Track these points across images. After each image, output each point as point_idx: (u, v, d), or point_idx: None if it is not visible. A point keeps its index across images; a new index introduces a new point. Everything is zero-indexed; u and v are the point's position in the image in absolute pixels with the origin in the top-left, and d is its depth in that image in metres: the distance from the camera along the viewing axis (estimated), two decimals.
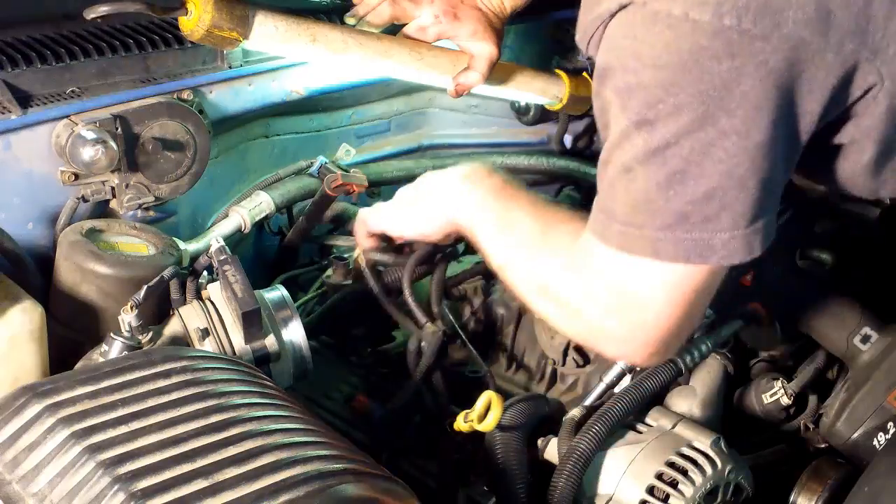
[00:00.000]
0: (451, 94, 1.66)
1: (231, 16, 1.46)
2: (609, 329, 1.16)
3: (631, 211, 1.09)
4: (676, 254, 1.07)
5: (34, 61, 1.61)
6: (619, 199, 1.10)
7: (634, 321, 1.14)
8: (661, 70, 1.02)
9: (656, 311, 1.13)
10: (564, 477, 1.27)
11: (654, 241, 1.08)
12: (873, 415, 1.45)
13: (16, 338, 1.35)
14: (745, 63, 0.99)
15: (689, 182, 1.04)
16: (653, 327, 1.14)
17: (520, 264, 1.27)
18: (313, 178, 1.92)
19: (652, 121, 1.04)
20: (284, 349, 1.43)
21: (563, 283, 1.20)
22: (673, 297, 1.11)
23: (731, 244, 1.07)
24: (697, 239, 1.06)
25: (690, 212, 1.06)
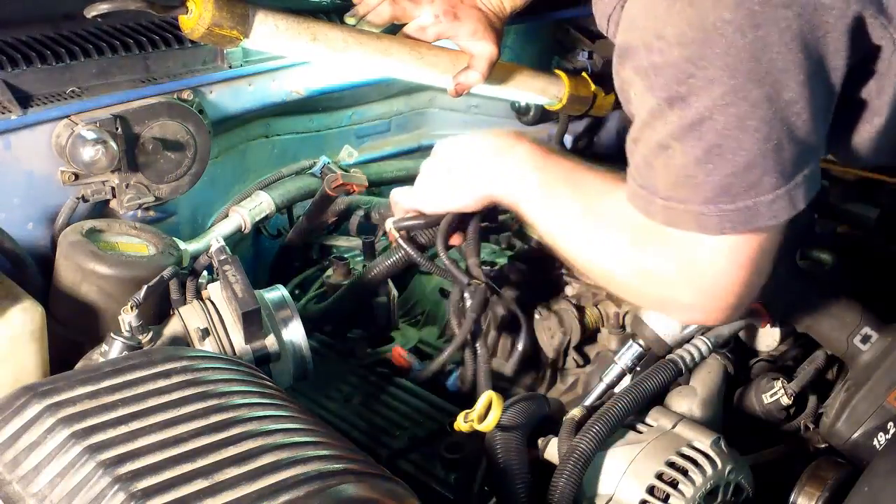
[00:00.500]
0: (451, 93, 1.66)
1: (231, 14, 1.46)
2: (678, 298, 1.18)
3: (673, 186, 1.10)
4: (722, 225, 1.09)
5: (34, 61, 1.61)
6: (659, 175, 1.11)
7: (701, 289, 1.16)
8: (688, 47, 1.02)
9: (721, 278, 1.14)
10: (565, 477, 1.27)
11: (697, 216, 1.09)
12: (873, 415, 1.45)
13: (16, 338, 1.35)
14: (770, 32, 1.00)
15: (727, 155, 1.05)
16: (721, 292, 1.15)
17: (573, 241, 1.28)
18: (314, 177, 1.93)
19: (685, 96, 1.04)
20: (284, 349, 1.43)
21: (620, 258, 1.21)
22: (734, 261, 1.12)
23: (776, 204, 1.08)
24: (741, 208, 1.07)
25: (732, 183, 1.07)
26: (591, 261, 1.28)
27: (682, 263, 1.14)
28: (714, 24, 1.00)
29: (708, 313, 1.19)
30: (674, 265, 1.15)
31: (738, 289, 1.15)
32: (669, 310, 1.23)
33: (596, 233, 1.25)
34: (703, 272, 1.14)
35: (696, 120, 1.05)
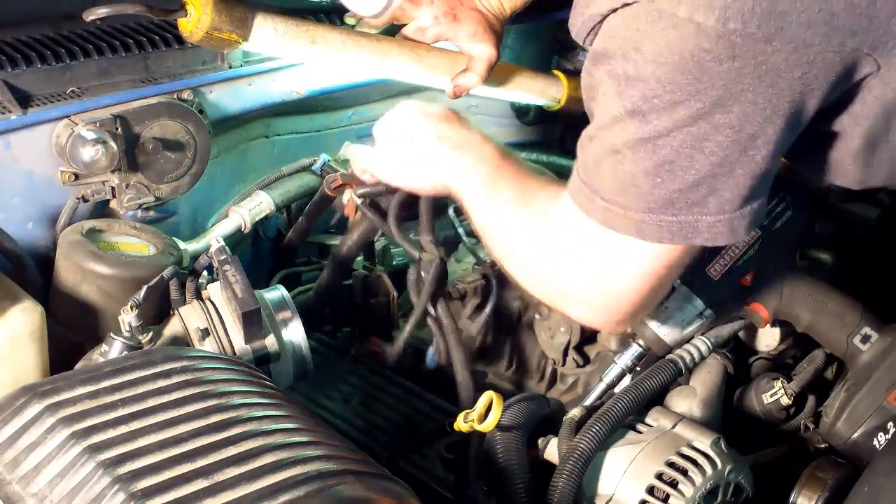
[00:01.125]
0: (450, 95, 1.66)
1: (230, 17, 1.46)
2: (577, 293, 1.20)
3: (617, 191, 1.11)
4: (660, 235, 1.10)
5: (34, 61, 1.61)
6: (605, 177, 1.12)
7: (604, 289, 1.17)
8: (661, 67, 1.02)
9: (628, 283, 1.16)
10: (564, 477, 1.27)
11: (637, 223, 1.10)
12: (873, 415, 1.45)
13: (16, 338, 1.35)
14: (746, 63, 1.00)
15: (677, 172, 1.06)
16: (622, 297, 1.17)
17: (498, 225, 1.28)
18: (314, 175, 1.92)
19: (646, 112, 1.05)
20: (284, 349, 1.43)
21: (537, 243, 1.22)
22: (647, 270, 1.14)
23: (716, 227, 1.09)
24: (682, 221, 1.08)
25: (676, 199, 1.08)
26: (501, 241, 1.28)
27: (594, 261, 1.15)
28: (692, 52, 1.00)
29: (602, 314, 1.20)
30: (586, 261, 1.16)
31: (640, 297, 1.17)
32: (565, 303, 1.23)
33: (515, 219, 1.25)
34: (613, 274, 1.15)
35: (654, 135, 1.05)
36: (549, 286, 1.24)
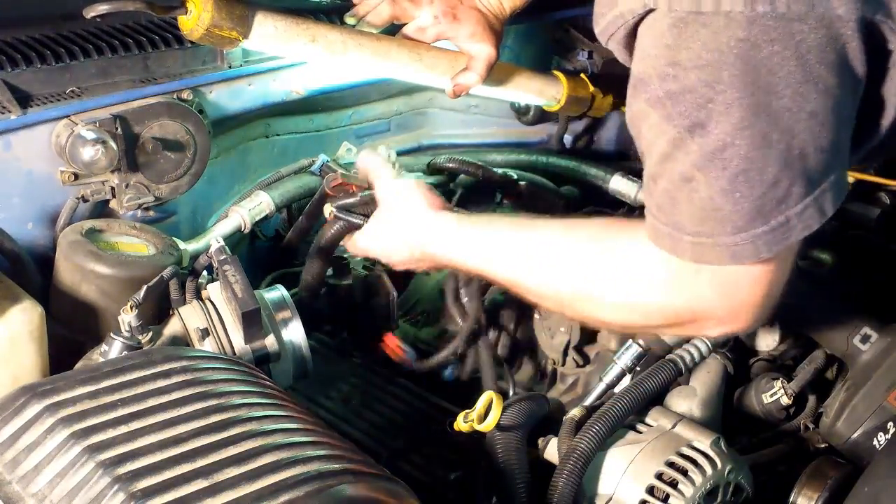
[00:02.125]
0: (450, 94, 1.66)
1: (231, 15, 1.46)
2: (714, 313, 1.15)
3: (699, 220, 1.07)
4: (758, 251, 1.07)
5: (34, 61, 1.61)
6: (684, 210, 1.08)
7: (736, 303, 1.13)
8: (704, 69, 1.00)
9: (750, 295, 1.12)
10: (564, 477, 1.27)
11: (730, 248, 1.07)
12: (873, 415, 1.45)
13: (16, 338, 1.35)
14: (786, 46, 0.99)
15: (754, 178, 1.03)
16: (754, 302, 1.13)
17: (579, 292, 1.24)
18: (314, 175, 1.92)
19: (704, 122, 1.02)
20: (284, 349, 1.43)
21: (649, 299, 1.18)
22: (766, 279, 1.11)
23: (806, 213, 1.06)
24: (774, 226, 1.05)
25: (762, 204, 1.04)
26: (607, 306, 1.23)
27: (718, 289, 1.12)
28: (728, 44, 0.99)
29: (743, 325, 1.17)
30: (710, 291, 1.12)
31: (770, 299, 1.14)
32: (703, 326, 1.19)
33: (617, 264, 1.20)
34: (739, 294, 1.12)
35: (719, 147, 1.02)
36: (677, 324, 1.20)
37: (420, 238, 1.42)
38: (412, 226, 1.43)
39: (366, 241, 1.50)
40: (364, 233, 1.51)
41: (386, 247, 1.48)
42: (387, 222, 1.48)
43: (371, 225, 1.50)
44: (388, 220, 1.47)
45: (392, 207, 1.47)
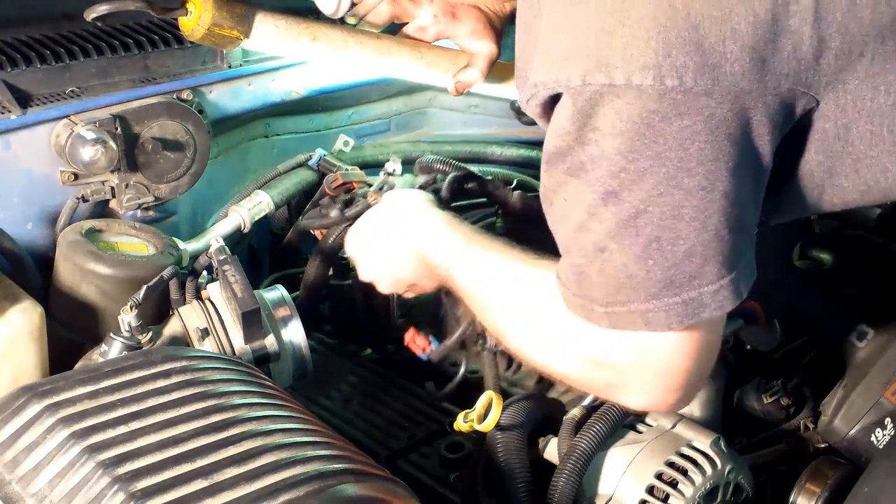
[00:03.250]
0: (452, 92, 1.66)
1: (231, 15, 1.46)
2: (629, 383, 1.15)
3: (613, 291, 1.07)
4: (669, 321, 1.07)
5: (34, 61, 1.61)
6: (595, 283, 1.09)
7: (654, 374, 1.13)
8: (618, 137, 1.01)
9: (671, 366, 1.12)
10: (564, 477, 1.27)
11: (643, 314, 1.07)
12: (870, 411, 1.45)
13: (15, 338, 1.35)
14: (695, 121, 1.00)
15: (666, 248, 1.04)
16: (673, 378, 1.13)
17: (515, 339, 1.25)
18: (311, 170, 1.92)
19: (617, 191, 1.03)
20: (284, 349, 1.43)
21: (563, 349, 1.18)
22: (682, 352, 1.10)
23: (720, 294, 1.06)
24: (686, 300, 1.06)
25: (674, 275, 1.05)
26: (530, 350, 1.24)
27: (632, 353, 1.11)
28: (640, 115, 1.00)
29: (660, 398, 1.15)
30: (624, 355, 1.12)
31: (689, 376, 1.13)
32: (618, 395, 1.18)
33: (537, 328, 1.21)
34: (653, 361, 1.11)
35: (632, 215, 1.03)
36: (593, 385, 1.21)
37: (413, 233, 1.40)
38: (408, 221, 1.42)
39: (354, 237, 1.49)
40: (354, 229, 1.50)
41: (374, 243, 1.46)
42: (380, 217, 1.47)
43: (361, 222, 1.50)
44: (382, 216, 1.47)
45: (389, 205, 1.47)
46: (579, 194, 1.06)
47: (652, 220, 1.03)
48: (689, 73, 0.98)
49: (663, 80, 0.98)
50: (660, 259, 1.04)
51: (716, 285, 1.06)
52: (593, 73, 1.00)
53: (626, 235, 1.04)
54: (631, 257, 1.05)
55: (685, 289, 1.05)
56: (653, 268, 1.05)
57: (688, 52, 0.98)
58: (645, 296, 1.06)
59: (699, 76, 0.98)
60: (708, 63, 0.99)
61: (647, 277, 1.05)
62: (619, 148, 1.01)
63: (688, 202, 1.02)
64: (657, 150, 1.01)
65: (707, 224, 1.03)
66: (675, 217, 1.03)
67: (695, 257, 1.04)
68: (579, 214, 1.07)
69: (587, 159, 1.04)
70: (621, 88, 0.99)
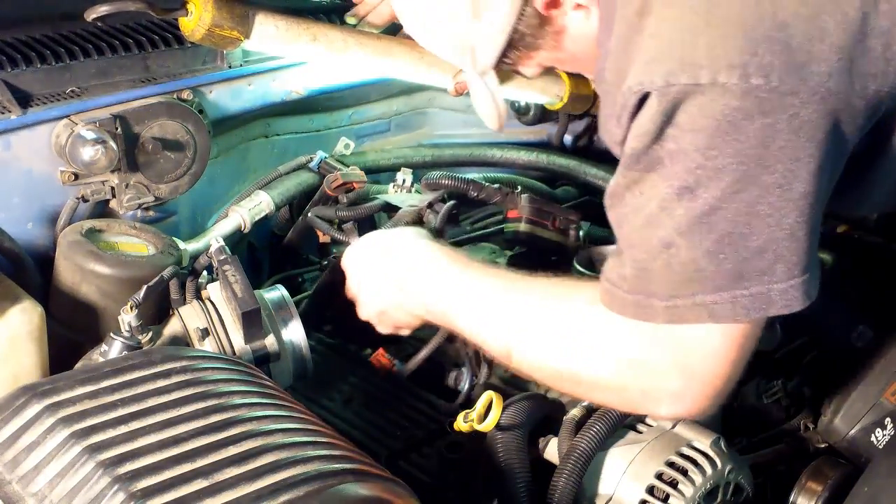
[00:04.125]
0: (451, 93, 1.66)
1: (231, 15, 1.46)
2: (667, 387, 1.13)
3: (678, 284, 1.07)
4: (735, 312, 1.06)
5: (34, 61, 1.61)
6: (659, 276, 1.08)
7: (693, 375, 1.12)
8: (698, 134, 1.01)
9: (714, 362, 1.11)
10: (564, 477, 1.27)
11: (709, 306, 1.06)
12: (870, 411, 1.45)
13: (15, 338, 1.35)
14: (778, 120, 0.99)
15: (739, 242, 1.03)
16: (712, 378, 1.12)
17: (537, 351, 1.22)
18: (312, 172, 1.93)
19: (692, 187, 1.03)
20: (284, 349, 1.43)
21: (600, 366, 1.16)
22: (729, 348, 1.10)
23: (789, 293, 1.06)
24: (755, 294, 1.05)
25: (744, 269, 1.04)
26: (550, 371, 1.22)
27: (676, 354, 1.10)
28: (723, 112, 0.99)
29: (695, 401, 1.14)
30: (668, 355, 1.11)
31: (725, 381, 1.13)
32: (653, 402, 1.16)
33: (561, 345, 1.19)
34: (697, 358, 1.11)
35: (706, 211, 1.03)
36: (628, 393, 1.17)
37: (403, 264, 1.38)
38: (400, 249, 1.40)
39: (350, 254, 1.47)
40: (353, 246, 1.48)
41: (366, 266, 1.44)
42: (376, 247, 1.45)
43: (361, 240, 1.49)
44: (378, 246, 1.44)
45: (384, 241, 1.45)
46: (654, 188, 1.06)
47: (726, 216, 1.03)
48: (776, 71, 0.98)
49: (749, 79, 0.98)
50: (731, 254, 1.04)
51: (785, 284, 1.05)
52: (677, 74, 1.00)
53: (697, 231, 1.04)
54: (701, 252, 1.04)
55: (754, 283, 1.05)
56: (723, 262, 1.04)
57: (774, 51, 0.98)
58: (712, 287, 1.05)
59: (785, 75, 0.98)
60: (795, 62, 0.98)
61: (717, 271, 1.05)
62: (699, 144, 1.01)
63: (764, 199, 1.02)
64: (737, 148, 1.00)
65: (782, 222, 1.03)
66: (749, 213, 1.02)
67: (767, 254, 1.04)
68: (651, 209, 1.07)
69: (665, 154, 1.04)
70: (706, 87, 0.99)
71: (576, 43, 1.26)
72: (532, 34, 1.25)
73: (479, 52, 1.28)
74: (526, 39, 1.26)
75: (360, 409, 1.52)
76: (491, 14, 1.22)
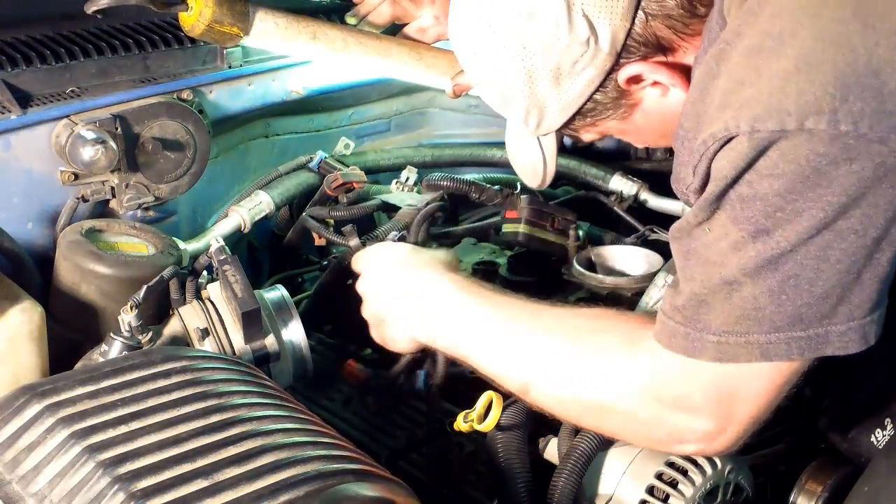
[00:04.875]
0: (450, 94, 1.66)
1: (231, 11, 1.46)
2: (697, 427, 1.12)
3: (734, 320, 1.05)
4: (789, 353, 1.05)
5: (34, 61, 1.61)
6: (716, 310, 1.06)
7: (722, 422, 1.11)
8: (779, 179, 0.99)
9: (750, 408, 1.10)
10: (564, 477, 1.27)
11: (762, 346, 1.04)
12: (870, 411, 1.45)
13: (16, 338, 1.35)
14: (864, 166, 0.97)
15: (803, 286, 1.02)
16: (742, 422, 1.11)
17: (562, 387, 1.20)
18: (312, 172, 1.93)
19: (769, 230, 1.01)
20: (284, 349, 1.43)
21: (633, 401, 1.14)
22: (771, 389, 1.09)
23: (847, 336, 1.05)
24: (812, 335, 1.04)
25: (805, 313, 1.03)
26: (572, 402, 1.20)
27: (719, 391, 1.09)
28: (807, 158, 0.98)
29: (722, 443, 1.13)
30: (709, 393, 1.09)
31: (762, 415, 1.12)
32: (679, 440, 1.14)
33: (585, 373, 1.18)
34: (738, 399, 1.09)
35: (776, 253, 1.01)
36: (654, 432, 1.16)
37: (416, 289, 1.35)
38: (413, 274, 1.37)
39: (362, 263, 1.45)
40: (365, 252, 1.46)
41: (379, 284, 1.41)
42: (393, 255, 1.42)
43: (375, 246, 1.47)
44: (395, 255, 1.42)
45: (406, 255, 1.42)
46: (724, 228, 1.04)
47: (795, 257, 1.01)
48: (866, 118, 0.96)
49: (837, 126, 0.96)
50: (794, 296, 1.02)
51: (844, 326, 1.04)
52: (764, 120, 0.98)
53: (763, 271, 1.02)
54: (763, 290, 1.03)
55: (813, 326, 1.03)
56: (784, 302, 1.03)
57: (865, 98, 0.96)
58: (769, 328, 1.04)
59: (876, 122, 0.96)
60: (886, 110, 0.96)
61: (777, 311, 1.03)
62: (779, 189, 0.99)
63: (837, 244, 1.00)
64: (819, 193, 0.98)
65: (851, 268, 1.01)
66: (820, 258, 1.01)
67: (831, 298, 1.02)
68: (719, 247, 1.05)
69: (736, 198, 1.02)
70: (792, 133, 0.97)
71: (646, 117, 1.24)
72: (606, 105, 1.23)
73: (547, 117, 1.24)
74: (598, 109, 1.23)
75: (360, 409, 1.52)
76: (572, 83, 1.19)
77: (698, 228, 1.08)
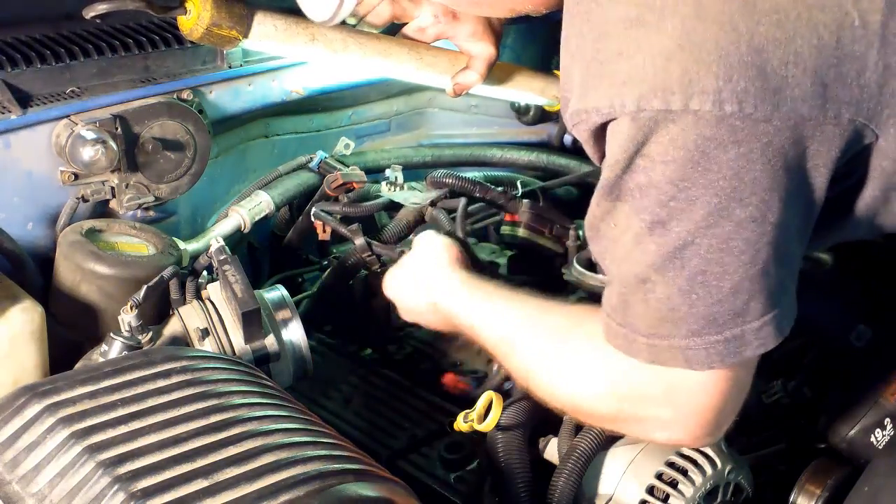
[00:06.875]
0: (450, 93, 1.66)
1: (230, 14, 1.46)
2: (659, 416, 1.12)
3: (656, 322, 1.05)
4: (710, 359, 1.04)
5: (34, 61, 1.61)
6: (638, 313, 1.06)
7: (686, 411, 1.10)
8: (669, 165, 0.98)
9: (701, 401, 1.09)
10: (564, 477, 1.27)
11: (683, 351, 1.04)
12: (870, 411, 1.45)
13: (16, 338, 1.35)
14: (752, 148, 0.96)
15: (711, 282, 1.01)
16: (705, 415, 1.11)
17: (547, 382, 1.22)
18: (313, 172, 1.93)
19: (665, 220, 1.00)
20: (284, 349, 1.43)
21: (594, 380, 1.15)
22: (718, 389, 1.08)
23: (763, 331, 1.04)
24: (728, 338, 1.03)
25: (717, 312, 1.02)
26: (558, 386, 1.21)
27: (664, 390, 1.09)
28: (695, 142, 0.96)
29: (689, 436, 1.13)
30: (656, 391, 1.09)
31: (720, 415, 1.11)
32: (650, 430, 1.15)
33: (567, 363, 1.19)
34: (685, 400, 1.09)
35: (679, 246, 1.00)
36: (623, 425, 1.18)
37: (432, 290, 1.41)
38: (429, 277, 1.42)
39: (389, 283, 1.51)
40: (389, 275, 1.51)
41: (403, 292, 1.47)
42: (408, 268, 1.48)
43: (395, 269, 1.51)
44: (410, 267, 1.47)
45: (417, 256, 1.48)
46: (628, 220, 1.04)
47: (699, 252, 1.00)
48: (750, 98, 0.95)
49: (722, 106, 0.95)
50: (704, 294, 1.01)
51: (759, 322, 1.03)
52: (649, 99, 0.96)
53: (670, 268, 1.01)
54: (675, 290, 1.02)
55: (728, 326, 1.02)
56: (696, 302, 1.02)
57: (749, 77, 0.95)
58: (686, 332, 1.03)
59: (760, 101, 0.95)
60: (769, 87, 0.95)
61: (690, 312, 1.02)
62: (671, 176, 0.98)
63: (738, 234, 0.99)
64: (710, 179, 0.97)
65: (756, 258, 1.00)
66: (722, 250, 1.00)
67: (741, 293, 1.01)
68: (626, 243, 1.04)
69: (635, 186, 1.01)
70: (678, 114, 0.96)
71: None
72: None
73: None
74: None
75: (359, 409, 1.52)
76: None
77: (604, 224, 1.07)
